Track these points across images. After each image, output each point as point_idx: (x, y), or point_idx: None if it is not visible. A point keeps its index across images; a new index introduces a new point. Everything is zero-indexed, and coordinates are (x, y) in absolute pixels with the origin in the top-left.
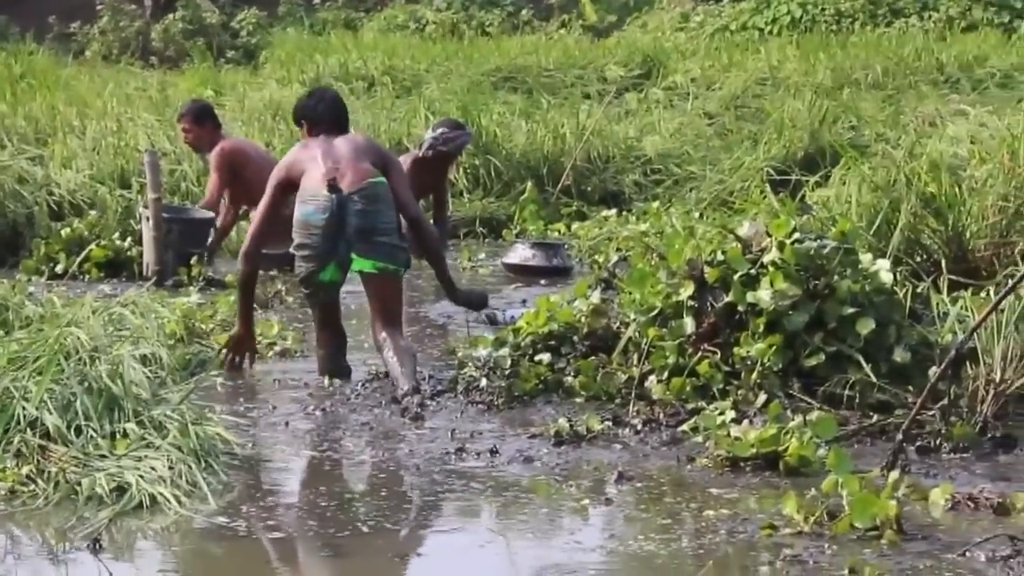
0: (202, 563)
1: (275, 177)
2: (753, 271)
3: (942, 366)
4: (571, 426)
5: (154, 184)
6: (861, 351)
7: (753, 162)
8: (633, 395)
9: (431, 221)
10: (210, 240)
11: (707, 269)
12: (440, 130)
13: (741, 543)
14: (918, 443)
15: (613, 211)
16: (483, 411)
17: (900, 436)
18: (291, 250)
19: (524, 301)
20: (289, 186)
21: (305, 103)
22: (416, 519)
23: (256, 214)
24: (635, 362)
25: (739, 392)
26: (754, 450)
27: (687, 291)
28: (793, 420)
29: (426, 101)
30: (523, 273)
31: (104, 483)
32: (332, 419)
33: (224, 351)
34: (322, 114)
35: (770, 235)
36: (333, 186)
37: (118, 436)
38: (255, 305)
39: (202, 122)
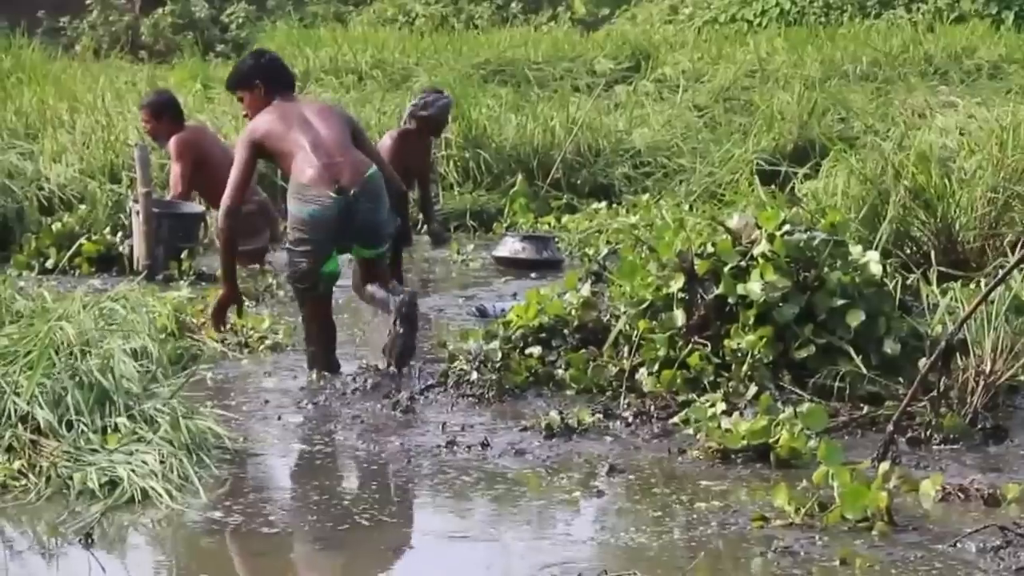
0: (194, 557)
1: (249, 141)
2: (743, 263)
3: (932, 357)
4: (562, 419)
5: (144, 178)
6: (851, 343)
7: (743, 154)
8: (624, 388)
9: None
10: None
11: (697, 261)
12: (419, 97)
13: (732, 535)
14: (908, 434)
15: (603, 204)
16: (474, 404)
17: (890, 427)
18: (289, 246)
19: (514, 294)
20: (263, 152)
21: (256, 63)
22: (407, 512)
23: (232, 173)
24: (626, 355)
25: (730, 384)
26: (745, 442)
27: (677, 283)
28: (784, 412)
29: (415, 95)
30: (513, 266)
31: (95, 477)
32: (324, 413)
33: (211, 312)
34: (277, 73)
35: (760, 227)
36: (342, 189)
37: (109, 430)
38: (245, 299)
39: (159, 115)
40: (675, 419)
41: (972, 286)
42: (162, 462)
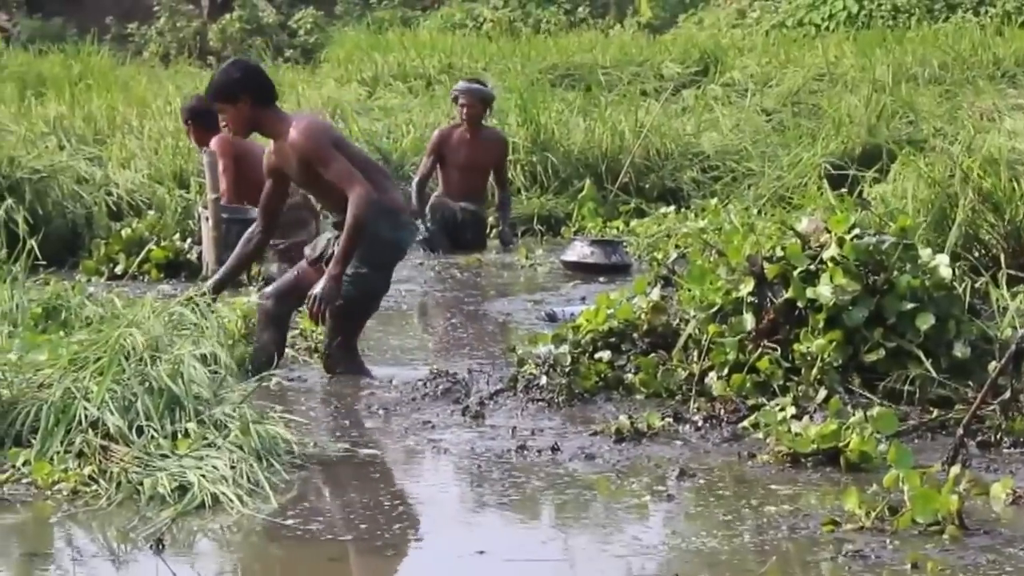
0: (264, 563)
1: (327, 141)
2: (813, 267)
3: (1002, 361)
4: (632, 423)
5: (213, 184)
6: (921, 346)
7: (811, 158)
8: (693, 392)
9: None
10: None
11: (766, 265)
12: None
13: (803, 539)
14: (979, 438)
15: (672, 208)
16: (543, 409)
17: (961, 431)
18: (366, 270)
19: (583, 298)
20: None
21: (245, 75)
22: (478, 517)
23: (345, 171)
24: (695, 359)
25: (799, 388)
26: (815, 446)
27: (747, 287)
28: (853, 416)
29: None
30: (582, 270)
31: (166, 483)
32: (393, 418)
33: (315, 307)
34: (266, 85)
35: (829, 231)
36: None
37: (179, 436)
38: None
39: (188, 122)
40: (745, 423)
41: None
42: (232, 467)
